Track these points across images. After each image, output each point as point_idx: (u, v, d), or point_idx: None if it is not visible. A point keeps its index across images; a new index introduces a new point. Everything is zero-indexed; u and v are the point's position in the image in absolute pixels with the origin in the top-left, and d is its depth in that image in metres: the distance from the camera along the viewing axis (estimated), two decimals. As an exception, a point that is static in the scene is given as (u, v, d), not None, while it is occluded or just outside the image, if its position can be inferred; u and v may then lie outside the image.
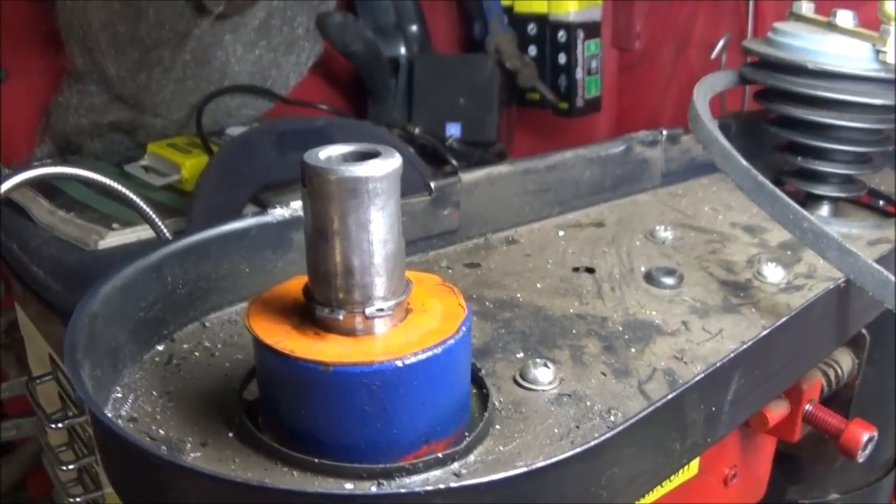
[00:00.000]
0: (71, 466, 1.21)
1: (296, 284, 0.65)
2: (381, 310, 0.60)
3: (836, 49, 1.06)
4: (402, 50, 1.93)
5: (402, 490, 0.59)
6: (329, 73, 1.94)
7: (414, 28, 1.95)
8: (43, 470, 1.38)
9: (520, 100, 2.02)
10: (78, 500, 1.22)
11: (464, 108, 1.89)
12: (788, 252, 1.01)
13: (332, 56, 1.85)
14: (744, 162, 0.89)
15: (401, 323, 0.63)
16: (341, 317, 0.60)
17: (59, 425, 1.18)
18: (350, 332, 0.61)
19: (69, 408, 1.24)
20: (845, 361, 1.08)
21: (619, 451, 0.65)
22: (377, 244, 0.59)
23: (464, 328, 0.62)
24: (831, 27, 1.08)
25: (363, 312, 0.60)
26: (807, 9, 1.15)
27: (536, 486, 0.59)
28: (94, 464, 1.18)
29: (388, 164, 0.58)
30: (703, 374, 0.72)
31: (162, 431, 0.66)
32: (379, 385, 0.58)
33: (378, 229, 0.58)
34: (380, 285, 0.60)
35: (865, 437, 1.00)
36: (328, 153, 0.60)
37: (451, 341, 0.61)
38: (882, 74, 1.04)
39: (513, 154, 1.98)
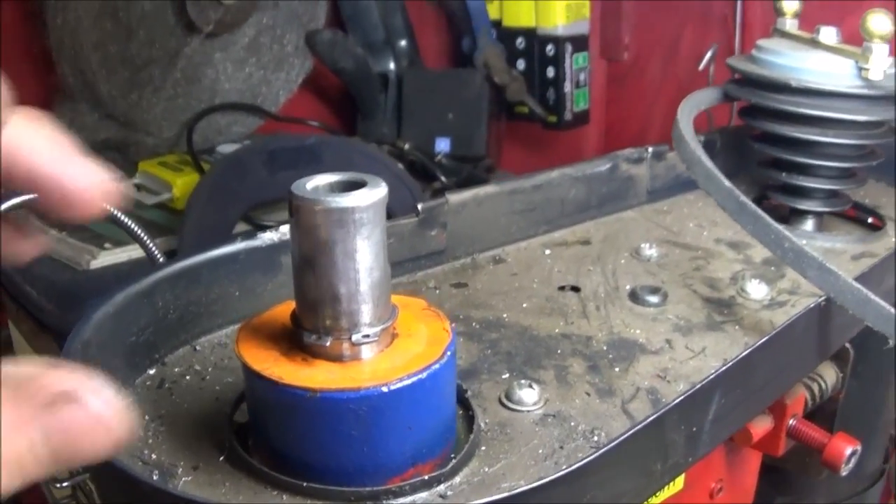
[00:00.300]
0: (65, 484, 1.21)
1: (284, 310, 0.66)
2: (368, 336, 0.61)
3: (820, 66, 1.07)
4: (391, 65, 1.94)
5: (389, 514, 0.60)
6: (318, 89, 1.95)
7: (403, 43, 1.96)
8: (37, 486, 1.39)
9: (508, 114, 2.03)
10: (72, 517, 1.22)
11: (453, 122, 1.89)
12: (772, 268, 1.02)
13: (322, 73, 1.86)
14: (726, 182, 0.90)
15: (387, 348, 0.63)
16: (328, 343, 0.61)
17: (53, 443, 1.18)
18: (337, 359, 0.61)
19: (62, 426, 1.24)
20: (829, 375, 1.09)
21: (602, 473, 0.66)
22: (363, 272, 0.60)
23: (449, 353, 0.63)
24: (815, 44, 1.09)
25: (350, 339, 0.61)
26: (790, 25, 1.16)
27: (519, 509, 0.60)
28: (87, 481, 1.19)
29: (373, 194, 0.59)
30: (682, 396, 0.73)
31: (154, 455, 0.67)
32: (366, 410, 0.59)
33: (364, 258, 0.59)
34: (366, 312, 0.61)
35: (848, 451, 1.01)
36: (315, 183, 0.61)
37: (437, 366, 0.61)
38: (865, 91, 1.05)
39: (502, 168, 1.99)
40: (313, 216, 0.58)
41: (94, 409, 0.45)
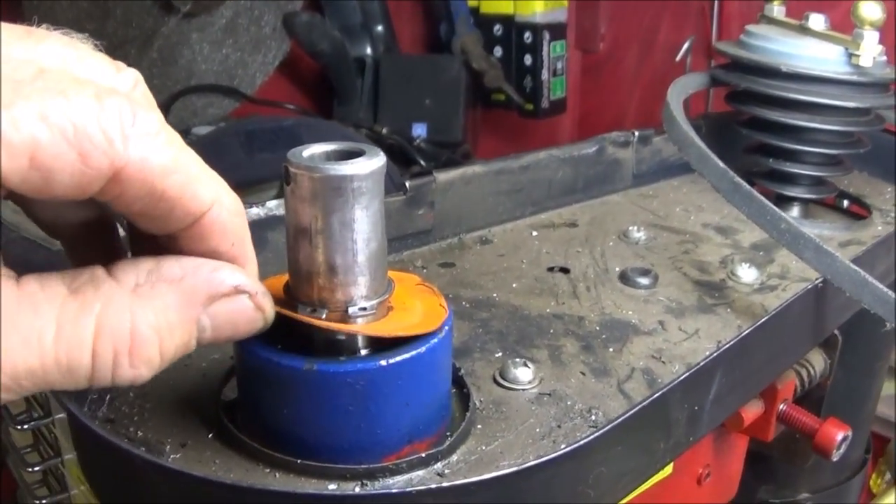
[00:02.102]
0: (36, 468, 1.19)
1: (275, 283, 0.64)
2: (364, 309, 0.60)
3: (810, 52, 1.07)
4: (368, 50, 1.93)
5: (392, 490, 0.59)
6: (295, 72, 1.93)
7: (380, 28, 1.94)
8: (8, 471, 1.37)
9: (485, 101, 2.03)
10: (44, 501, 1.20)
11: (430, 108, 1.89)
12: (761, 252, 1.01)
13: (299, 56, 1.85)
14: (720, 163, 0.89)
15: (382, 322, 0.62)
16: (324, 316, 0.59)
17: (25, 426, 1.17)
18: (332, 332, 0.60)
19: (34, 409, 1.22)
20: (817, 361, 1.08)
21: (608, 450, 0.65)
22: (361, 243, 0.58)
23: (447, 327, 0.62)
24: (803, 30, 1.09)
25: (346, 312, 0.59)
26: (778, 12, 1.16)
27: (525, 486, 0.59)
28: (59, 465, 1.17)
29: (372, 163, 0.57)
30: (686, 374, 0.73)
31: (140, 433, 0.65)
32: (363, 384, 0.57)
33: (362, 228, 0.58)
34: (363, 284, 0.59)
35: (840, 437, 1.00)
36: (311, 152, 0.59)
37: (435, 340, 0.60)
38: (855, 77, 1.05)
39: (478, 155, 1.98)
40: (312, 184, 0.57)
41: (257, 301, 0.56)
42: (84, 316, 0.49)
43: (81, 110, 0.45)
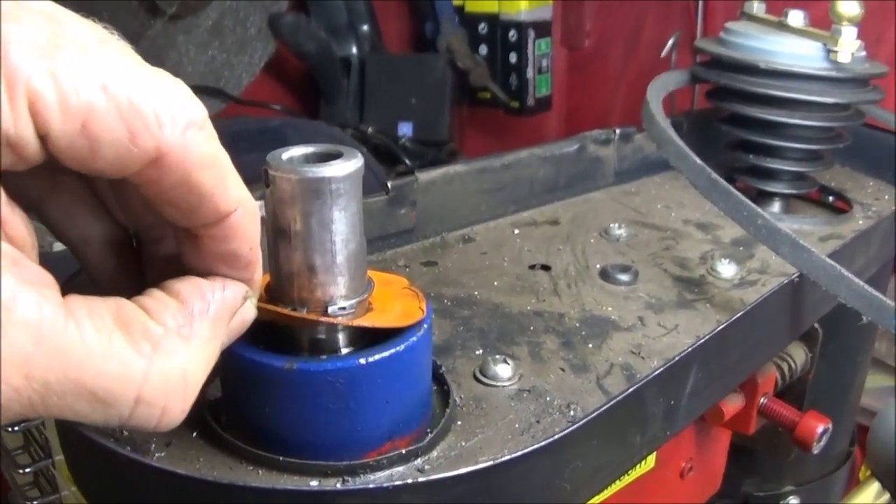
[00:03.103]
0: (28, 469, 1.20)
1: (257, 284, 0.65)
2: (344, 308, 0.60)
3: (788, 48, 1.07)
4: (354, 50, 1.93)
5: (370, 486, 0.59)
6: (281, 73, 1.94)
7: (365, 28, 1.95)
8: (-1, 473, 1.37)
9: (471, 99, 2.03)
10: (35, 503, 1.21)
11: (416, 107, 1.89)
12: (741, 248, 1.02)
13: (285, 56, 1.85)
14: (697, 160, 0.90)
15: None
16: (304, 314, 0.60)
17: (16, 428, 1.17)
18: (312, 331, 0.61)
19: (25, 410, 1.22)
20: (798, 355, 1.09)
21: (582, 445, 0.66)
22: (339, 244, 0.59)
23: (425, 326, 0.63)
24: (782, 27, 1.10)
25: (325, 311, 0.60)
26: (758, 8, 1.16)
27: (501, 480, 0.60)
28: (50, 467, 1.17)
29: (350, 165, 0.58)
30: (661, 368, 0.74)
31: (125, 432, 0.66)
32: (342, 383, 0.58)
33: (340, 229, 0.58)
34: (342, 284, 0.60)
35: (820, 429, 1.01)
36: (290, 154, 0.60)
37: (414, 339, 0.61)
38: (833, 73, 1.06)
39: (464, 153, 1.99)
40: (290, 186, 0.57)
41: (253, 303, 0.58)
42: (135, 356, 0.49)
43: (140, 86, 0.46)
